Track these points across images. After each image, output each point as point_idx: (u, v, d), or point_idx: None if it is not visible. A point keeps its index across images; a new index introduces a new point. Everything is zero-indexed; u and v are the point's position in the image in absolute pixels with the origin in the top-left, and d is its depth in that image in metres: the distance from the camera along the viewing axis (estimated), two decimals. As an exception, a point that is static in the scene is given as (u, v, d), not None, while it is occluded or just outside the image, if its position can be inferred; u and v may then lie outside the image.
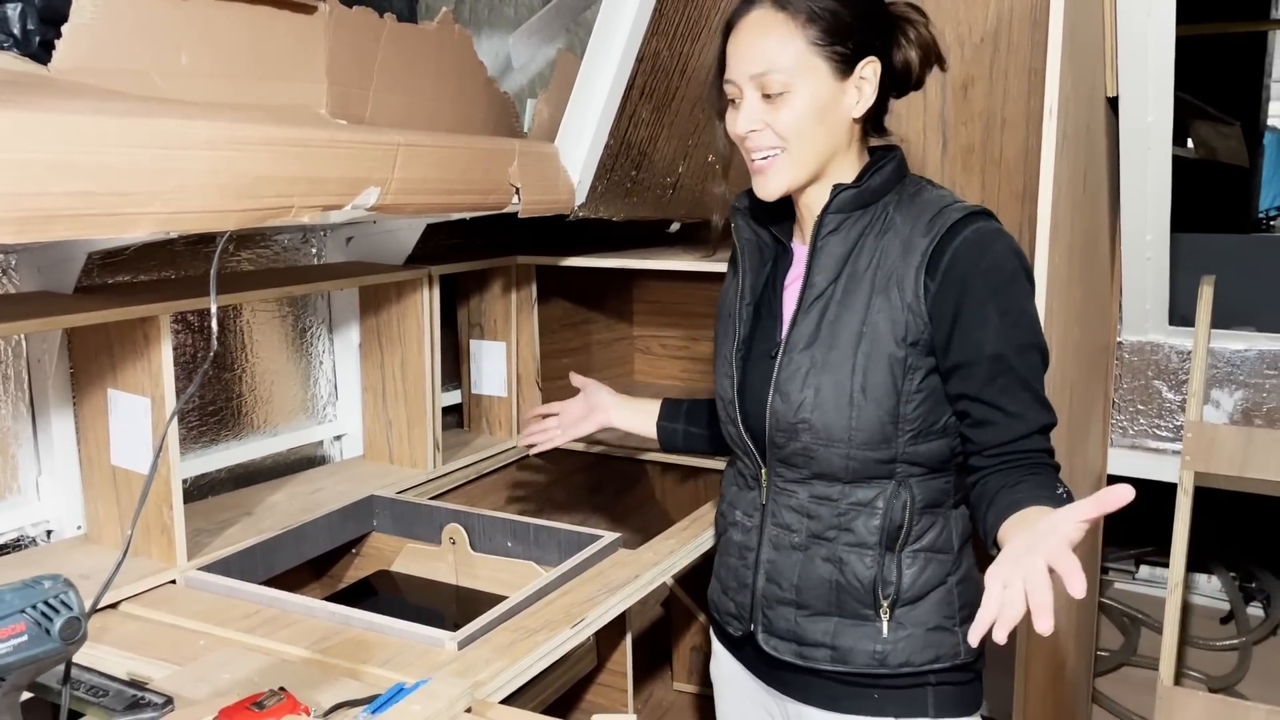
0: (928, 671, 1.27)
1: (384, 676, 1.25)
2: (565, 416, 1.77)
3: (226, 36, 1.28)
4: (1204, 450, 2.04)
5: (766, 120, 1.22)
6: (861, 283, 1.24)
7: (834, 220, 1.27)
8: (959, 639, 1.28)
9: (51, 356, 1.58)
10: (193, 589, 1.52)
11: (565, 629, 1.39)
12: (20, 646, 0.85)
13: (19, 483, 1.61)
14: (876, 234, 1.25)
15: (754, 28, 1.22)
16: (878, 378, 1.22)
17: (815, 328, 1.26)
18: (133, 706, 1.15)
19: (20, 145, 0.93)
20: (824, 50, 1.20)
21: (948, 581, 1.28)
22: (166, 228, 1.08)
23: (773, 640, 1.33)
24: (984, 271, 1.19)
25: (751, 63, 1.22)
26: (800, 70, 1.21)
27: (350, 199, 1.33)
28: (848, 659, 1.28)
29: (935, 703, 1.28)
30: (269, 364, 1.98)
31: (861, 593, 1.27)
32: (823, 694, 1.32)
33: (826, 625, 1.29)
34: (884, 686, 1.28)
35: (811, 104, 1.21)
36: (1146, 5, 1.72)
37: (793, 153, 1.23)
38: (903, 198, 1.27)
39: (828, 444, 1.24)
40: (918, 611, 1.27)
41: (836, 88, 1.22)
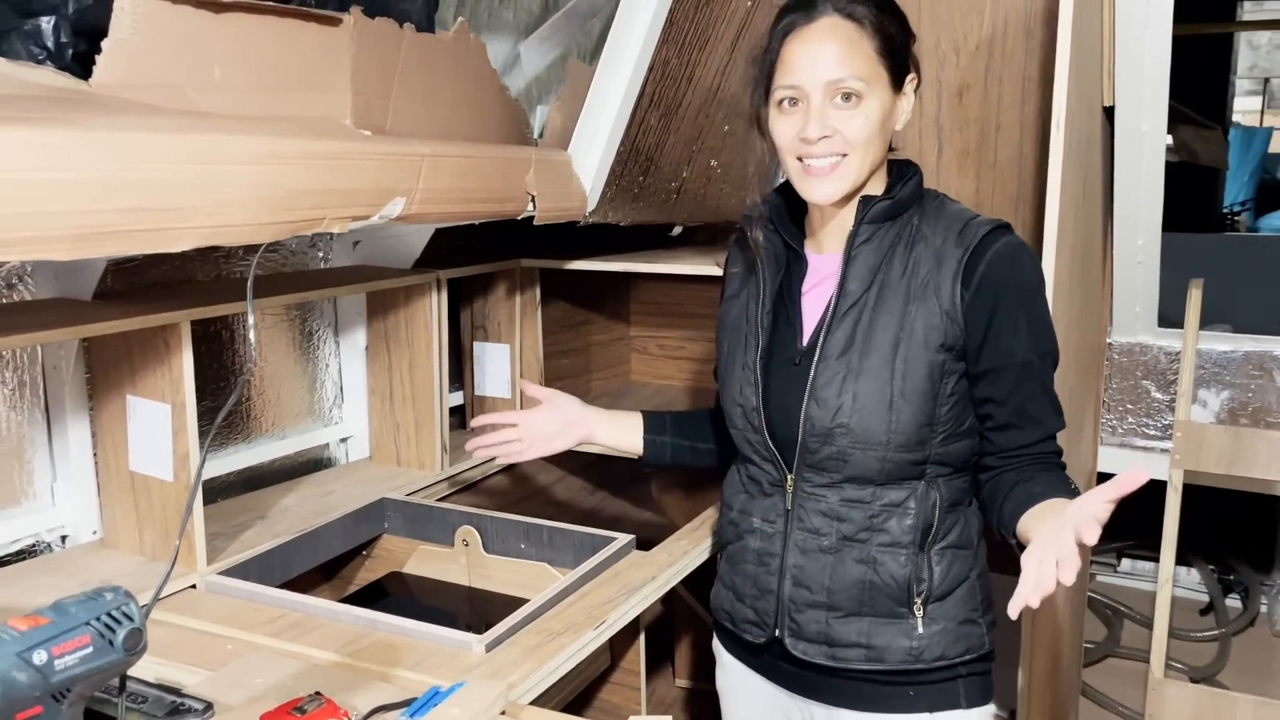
0: (959, 664, 1.32)
1: (415, 680, 1.27)
2: (531, 429, 1.65)
3: (256, 50, 1.29)
4: (1193, 449, 2.10)
5: (837, 126, 1.24)
6: (896, 291, 1.28)
7: (867, 230, 1.31)
8: (984, 630, 1.33)
9: (68, 362, 1.59)
10: (214, 593, 1.53)
11: (588, 631, 1.42)
12: (86, 658, 0.87)
13: (35, 488, 1.61)
14: (905, 244, 1.30)
15: (826, 35, 1.23)
16: (916, 381, 1.26)
17: (850, 334, 1.29)
18: (173, 713, 1.17)
19: (74, 164, 0.95)
20: (885, 62, 1.24)
21: (970, 576, 1.33)
22: (209, 241, 1.10)
23: (801, 644, 1.35)
24: (1015, 282, 1.26)
25: (827, 68, 1.23)
26: (871, 78, 1.23)
27: (378, 209, 1.34)
28: (883, 657, 1.31)
29: (966, 693, 1.33)
30: (276, 367, 1.99)
31: (896, 591, 1.30)
32: (856, 695, 1.34)
33: (860, 625, 1.31)
34: (919, 683, 1.32)
35: (880, 113, 1.24)
36: (1144, 17, 1.77)
37: (855, 159, 1.26)
38: (926, 210, 1.32)
39: (865, 447, 1.27)
40: (948, 606, 1.31)
41: (892, 99, 1.26)
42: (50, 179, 0.92)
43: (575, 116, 1.77)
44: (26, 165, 0.91)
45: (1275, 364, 2.19)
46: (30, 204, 0.92)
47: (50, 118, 0.97)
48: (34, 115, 0.97)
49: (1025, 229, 2.09)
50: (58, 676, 0.85)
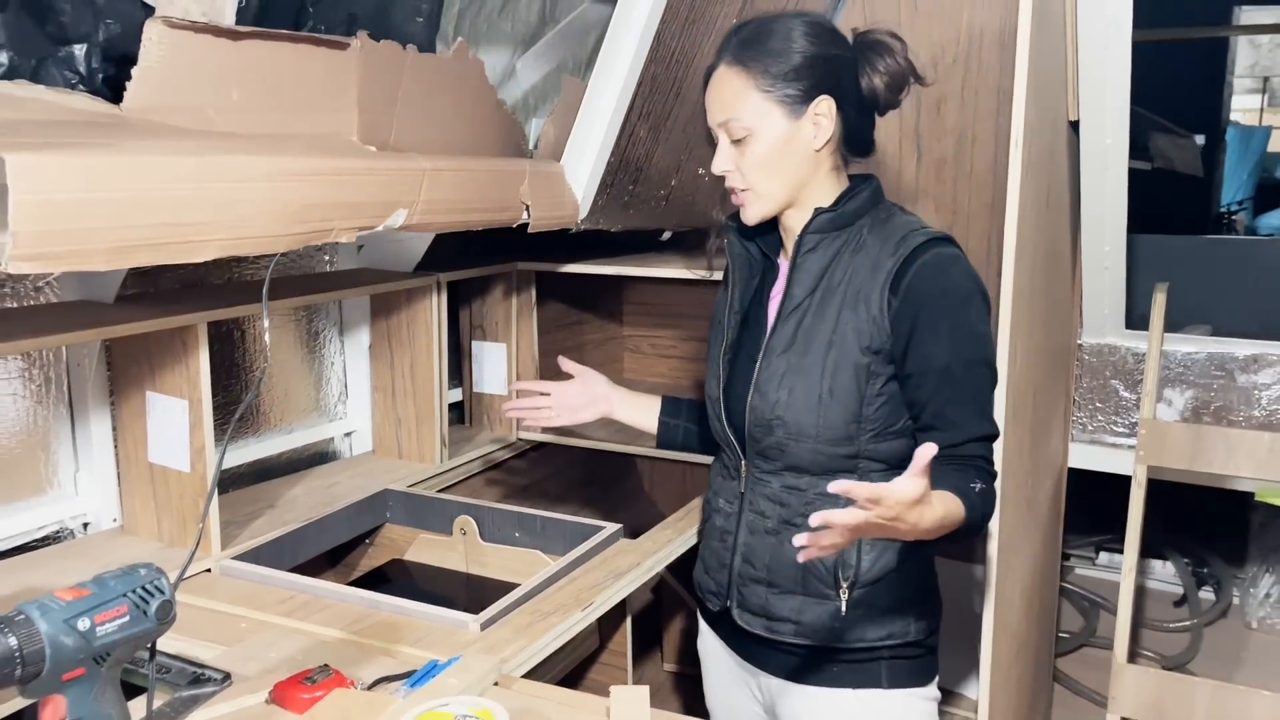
0: (881, 647, 1.42)
1: (416, 654, 1.38)
2: (561, 399, 1.76)
3: (271, 74, 1.39)
4: (1156, 445, 2.21)
5: (737, 163, 1.39)
6: (834, 296, 1.39)
7: (812, 240, 1.41)
8: (909, 619, 1.42)
9: (91, 361, 1.69)
10: (228, 576, 1.64)
11: (576, 612, 1.53)
12: (124, 626, 0.98)
13: (58, 478, 1.72)
14: (850, 253, 1.40)
15: (717, 83, 1.39)
16: (843, 382, 1.36)
17: (792, 335, 1.40)
18: (195, 682, 1.28)
19: (110, 185, 1.05)
20: (775, 94, 1.35)
21: (903, 568, 1.41)
22: (229, 252, 1.21)
23: (745, 615, 1.47)
24: (940, 292, 1.34)
25: (716, 112, 1.39)
26: (755, 116, 1.36)
27: (383, 220, 1.45)
28: (810, 633, 1.42)
29: (888, 675, 1.43)
30: (285, 366, 2.10)
31: (825, 574, 1.40)
32: (787, 666, 1.46)
33: (794, 602, 1.42)
34: (842, 660, 1.43)
35: (769, 146, 1.37)
36: (1104, 38, 1.87)
37: (759, 189, 1.40)
38: (875, 221, 1.41)
39: (798, 439, 1.38)
40: (874, 593, 1.40)
41: (792, 126, 1.36)
42: (90, 199, 1.03)
43: (568, 129, 1.87)
44: (69, 187, 1.01)
45: (1236, 365, 2.29)
46: (72, 221, 1.02)
47: (88, 143, 1.08)
48: (73, 140, 1.08)
49: (998, 236, 2.19)
50: (99, 641, 0.95)
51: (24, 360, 1.63)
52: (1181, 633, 3.13)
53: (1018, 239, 1.61)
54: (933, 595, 1.49)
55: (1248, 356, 2.28)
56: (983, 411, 1.35)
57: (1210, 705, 2.10)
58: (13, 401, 1.63)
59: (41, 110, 1.18)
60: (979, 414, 1.35)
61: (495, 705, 1.13)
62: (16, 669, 0.90)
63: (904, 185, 2.50)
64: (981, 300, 1.37)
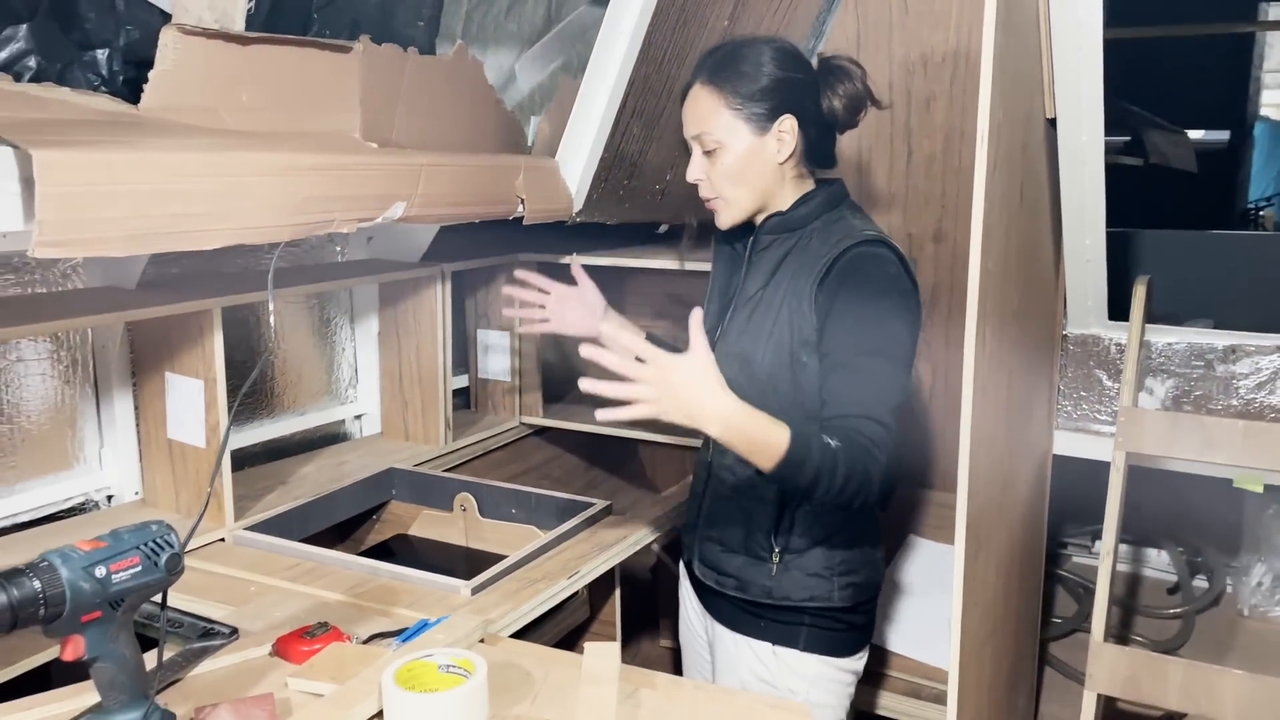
0: (804, 609, 1.58)
1: (410, 615, 1.49)
2: (559, 304, 1.85)
3: (278, 75, 1.50)
4: (1134, 433, 2.28)
5: (708, 173, 1.54)
6: (778, 293, 1.53)
7: (766, 240, 1.58)
8: (833, 587, 1.58)
9: (114, 343, 1.82)
10: (240, 545, 1.76)
11: (562, 580, 1.63)
12: (136, 575, 1.09)
13: (84, 454, 1.84)
14: (798, 253, 1.54)
15: (693, 100, 1.54)
16: (781, 367, 1.51)
17: (745, 324, 1.57)
18: (205, 635, 1.39)
19: (128, 178, 1.16)
20: (743, 113, 1.50)
21: (830, 540, 1.58)
22: (236, 240, 1.31)
23: (702, 568, 1.67)
24: (853, 286, 1.46)
25: (691, 126, 1.55)
26: (725, 131, 1.51)
27: (381, 212, 1.56)
28: (746, 589, 1.60)
29: (806, 639, 1.59)
30: (298, 351, 2.21)
31: (762, 539, 1.59)
32: (727, 616, 1.65)
33: (737, 561, 1.61)
34: (769, 618, 1.60)
35: (736, 158, 1.52)
36: (1077, 39, 1.94)
37: (727, 198, 1.55)
38: (825, 224, 1.55)
39: None
40: (803, 559, 1.57)
41: (757, 142, 1.52)
42: (109, 191, 1.14)
43: (562, 127, 1.97)
44: (91, 180, 1.12)
45: (1215, 355, 2.36)
46: (93, 211, 1.13)
47: (108, 140, 1.19)
48: (94, 138, 1.19)
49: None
50: (114, 588, 1.07)
51: (53, 343, 1.75)
52: (1174, 619, 3.19)
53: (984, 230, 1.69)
54: (860, 570, 1.62)
55: (1226, 347, 2.35)
56: (875, 397, 1.41)
57: (1184, 682, 2.17)
58: (42, 381, 1.75)
59: (66, 110, 1.30)
60: (870, 399, 1.41)
61: (475, 656, 1.23)
62: (40, 609, 1.01)
63: (894, 181, 2.58)
64: (893, 297, 1.48)
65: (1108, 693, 2.24)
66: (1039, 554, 2.58)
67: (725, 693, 1.38)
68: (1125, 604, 3.27)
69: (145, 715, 1.09)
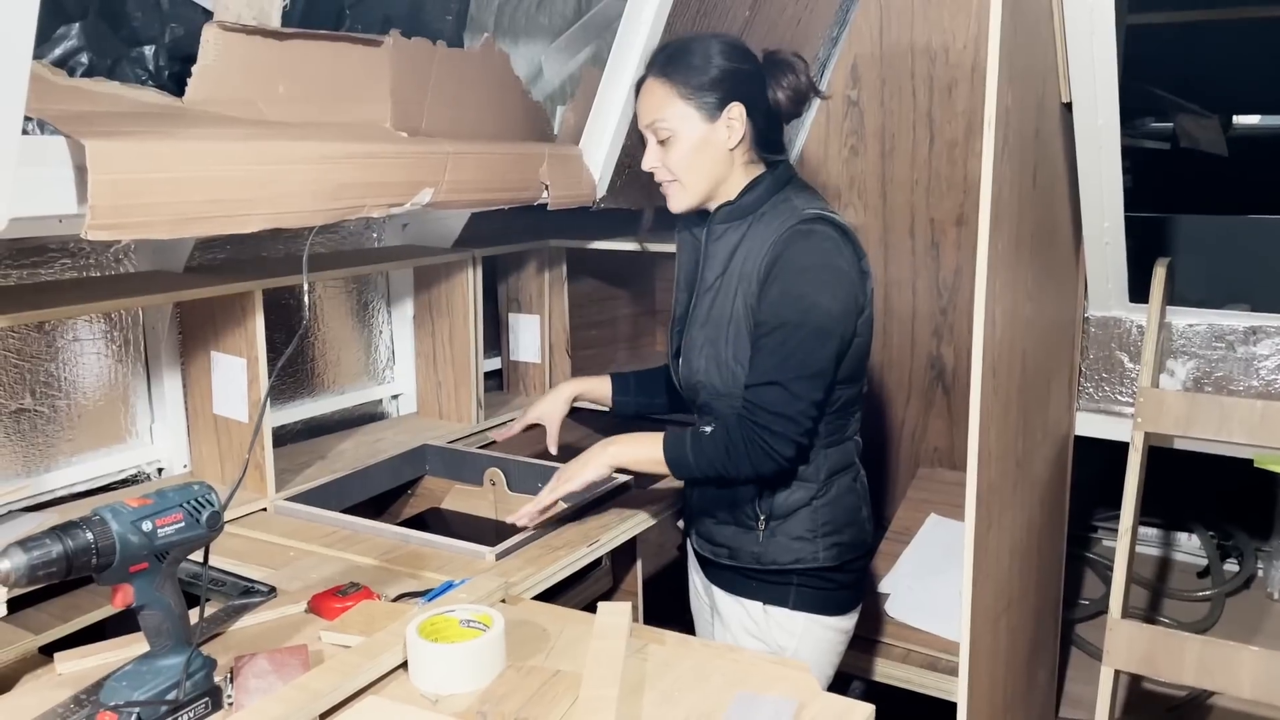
0: (791, 571, 1.67)
1: (437, 578, 1.58)
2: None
3: (313, 68, 1.59)
4: (1153, 413, 2.31)
5: (663, 160, 1.63)
6: (733, 278, 1.62)
7: (719, 230, 1.67)
8: (818, 548, 1.67)
9: (164, 324, 1.92)
10: (281, 515, 1.86)
11: (583, 547, 1.71)
12: (180, 530, 1.18)
13: (136, 429, 1.95)
14: (749, 239, 1.62)
15: (645, 92, 1.64)
16: (742, 349, 1.60)
17: (707, 311, 1.66)
18: (245, 593, 1.49)
19: (172, 166, 1.26)
20: (693, 101, 1.59)
21: (812, 504, 1.66)
22: (272, 224, 1.41)
23: (698, 539, 1.79)
24: (785, 260, 1.55)
25: (644, 115, 1.64)
26: (678, 120, 1.60)
27: (410, 198, 1.64)
28: (737, 556, 1.71)
29: (795, 598, 1.69)
30: (337, 333, 2.32)
31: (748, 509, 1.68)
32: (724, 580, 1.75)
33: (727, 531, 1.72)
34: (760, 580, 1.70)
35: (689, 144, 1.61)
36: (1090, 25, 1.98)
37: (682, 182, 1.64)
38: (771, 208, 1.63)
39: (715, 397, 1.65)
40: (787, 525, 1.67)
41: (708, 129, 1.60)
42: (155, 178, 1.24)
43: (586, 116, 2.05)
44: (138, 168, 1.22)
45: (1236, 336, 2.38)
46: (140, 197, 1.23)
47: (154, 131, 1.29)
48: (143, 129, 1.28)
49: (1000, 212, 2.30)
50: (159, 541, 1.16)
51: (106, 323, 1.86)
52: (1203, 602, 3.21)
53: (993, 213, 1.74)
54: (845, 530, 1.70)
55: (1247, 329, 2.36)
56: (781, 364, 1.54)
57: (1200, 659, 2.20)
58: (97, 360, 1.86)
59: (116, 103, 1.40)
60: (776, 366, 1.54)
61: (495, 611, 1.31)
62: (93, 558, 1.11)
63: (917, 166, 2.62)
64: (821, 272, 1.55)
65: (1125, 668, 2.28)
66: (1059, 533, 2.61)
67: (729, 649, 1.45)
68: (1155, 587, 3.28)
69: (189, 660, 1.19)
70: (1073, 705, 2.84)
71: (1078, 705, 2.82)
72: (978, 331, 1.74)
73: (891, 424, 2.80)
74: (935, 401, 2.76)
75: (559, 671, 1.26)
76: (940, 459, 2.80)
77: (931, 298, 2.70)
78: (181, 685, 1.16)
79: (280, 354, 2.14)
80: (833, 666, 1.78)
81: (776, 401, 1.54)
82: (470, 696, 1.22)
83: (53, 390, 1.79)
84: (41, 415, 1.78)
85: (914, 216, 2.66)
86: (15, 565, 1.05)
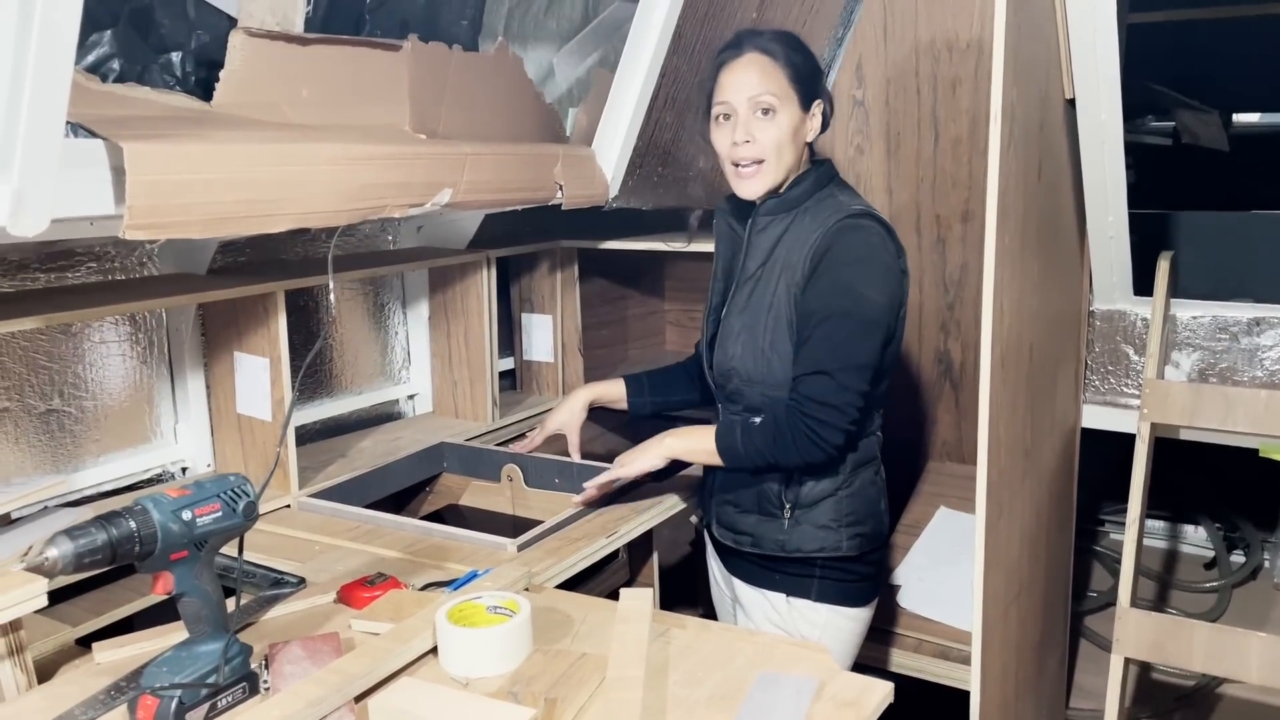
0: (816, 560, 1.70)
1: (461, 569, 1.61)
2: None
3: (334, 72, 1.63)
4: (1159, 404, 2.34)
5: (756, 134, 1.63)
6: (775, 268, 1.66)
7: (763, 221, 1.70)
8: (841, 537, 1.70)
9: (187, 326, 1.96)
10: (305, 511, 1.89)
11: (601, 539, 1.75)
12: (218, 520, 1.22)
13: (161, 429, 1.99)
14: (793, 231, 1.66)
15: (749, 64, 1.64)
16: (780, 339, 1.63)
17: (746, 300, 1.70)
18: (276, 584, 1.53)
19: (205, 168, 1.30)
20: (795, 86, 1.63)
21: (837, 494, 1.70)
22: (298, 224, 1.44)
23: (719, 529, 1.81)
24: (833, 253, 1.59)
25: (749, 87, 1.63)
26: (784, 97, 1.63)
27: (430, 198, 1.68)
28: (761, 545, 1.73)
29: (818, 590, 1.72)
30: (354, 334, 2.35)
31: (773, 496, 1.71)
32: (746, 572, 1.78)
33: (750, 520, 1.74)
34: (783, 571, 1.73)
35: (789, 124, 1.64)
36: (1093, 21, 2.02)
37: (770, 162, 1.65)
38: (816, 203, 1.67)
39: (749, 384, 1.69)
40: (812, 513, 1.69)
41: (801, 116, 1.65)
42: (187, 180, 1.27)
43: (598, 117, 2.09)
44: (171, 170, 1.26)
45: (1240, 328, 2.41)
46: (173, 198, 1.27)
47: (185, 134, 1.33)
48: (173, 132, 1.32)
49: (1005, 208, 2.34)
50: (198, 530, 1.20)
51: (131, 325, 1.90)
52: (1210, 593, 3.24)
53: (999, 207, 1.77)
54: (866, 521, 1.74)
55: (1250, 320, 2.40)
56: (830, 354, 1.57)
57: (1208, 645, 2.23)
58: (122, 362, 1.90)
59: (147, 108, 1.44)
60: (826, 355, 1.57)
61: (521, 598, 1.35)
62: (136, 546, 1.14)
63: (922, 164, 2.66)
64: (869, 265, 1.60)
65: (1134, 656, 2.30)
66: (1068, 524, 2.64)
67: (750, 633, 1.49)
68: (1162, 579, 3.31)
69: (226, 646, 1.22)
70: (1083, 696, 2.87)
71: (1088, 696, 2.85)
72: (986, 322, 1.78)
73: (899, 418, 2.83)
74: (943, 396, 2.79)
75: (585, 654, 1.30)
76: (949, 453, 2.83)
77: (938, 293, 2.74)
78: (220, 669, 1.20)
79: (299, 355, 2.19)
80: (852, 658, 1.81)
81: (825, 391, 1.57)
82: (500, 679, 1.26)
83: (80, 392, 1.83)
84: (70, 416, 1.82)
85: (920, 213, 2.70)
86: (63, 553, 1.09)
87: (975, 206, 2.66)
